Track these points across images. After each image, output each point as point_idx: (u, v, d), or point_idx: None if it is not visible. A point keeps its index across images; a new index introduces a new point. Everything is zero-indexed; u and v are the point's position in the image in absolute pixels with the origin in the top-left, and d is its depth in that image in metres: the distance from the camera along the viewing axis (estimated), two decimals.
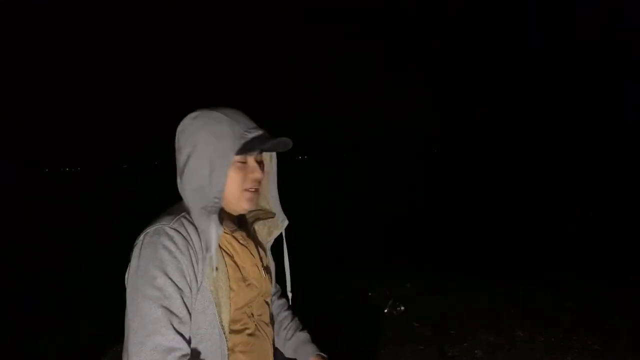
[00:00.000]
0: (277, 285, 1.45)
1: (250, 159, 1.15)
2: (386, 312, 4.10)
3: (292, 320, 1.41)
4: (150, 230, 1.05)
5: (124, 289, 1.06)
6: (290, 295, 1.41)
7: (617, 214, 11.01)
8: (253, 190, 1.16)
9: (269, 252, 1.34)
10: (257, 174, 1.15)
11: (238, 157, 1.11)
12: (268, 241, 1.33)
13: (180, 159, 1.12)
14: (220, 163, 1.09)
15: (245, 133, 1.11)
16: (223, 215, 1.14)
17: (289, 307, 1.44)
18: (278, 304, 1.43)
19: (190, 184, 1.11)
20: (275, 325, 1.38)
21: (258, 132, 1.13)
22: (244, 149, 1.10)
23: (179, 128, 1.14)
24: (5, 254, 8.86)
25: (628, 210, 10.99)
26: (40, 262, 8.15)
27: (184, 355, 0.98)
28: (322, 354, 1.33)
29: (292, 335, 1.37)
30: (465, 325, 3.87)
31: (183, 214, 1.09)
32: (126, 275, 1.05)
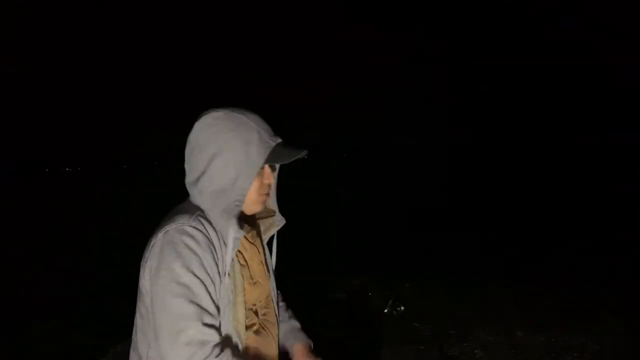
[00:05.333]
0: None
1: (266, 166, 1.16)
2: (386, 312, 4.09)
3: (285, 310, 1.41)
4: (170, 229, 1.03)
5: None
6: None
7: (618, 213, 11.01)
8: (266, 194, 1.19)
9: (267, 250, 1.34)
10: (271, 180, 1.18)
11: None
12: (264, 239, 1.33)
13: (199, 157, 1.10)
14: (247, 170, 1.09)
15: (269, 141, 1.12)
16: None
17: (283, 299, 1.44)
18: None
19: (212, 184, 1.09)
20: None
21: (278, 139, 1.14)
22: (270, 159, 1.11)
23: (198, 126, 1.11)
24: (6, 254, 8.86)
25: (629, 210, 11.00)
26: (41, 262, 8.15)
27: (215, 346, 0.98)
28: (308, 340, 1.33)
29: (282, 321, 1.36)
30: (465, 325, 3.87)
31: (198, 212, 1.08)
32: (145, 275, 1.04)
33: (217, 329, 1.02)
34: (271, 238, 1.32)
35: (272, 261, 1.33)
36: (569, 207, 12.81)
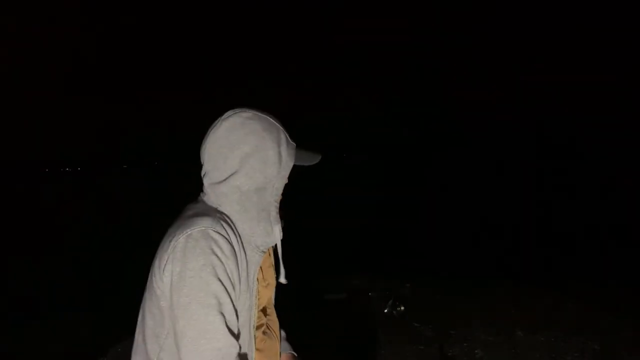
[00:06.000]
0: None
1: None
2: (386, 312, 4.10)
3: None
4: (193, 232, 1.00)
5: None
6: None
7: (619, 214, 11.01)
8: (282, 193, 1.20)
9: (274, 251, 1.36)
10: (286, 180, 1.18)
11: None
12: None
13: (231, 156, 1.08)
14: (282, 170, 1.12)
15: (293, 142, 1.16)
16: None
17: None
18: None
19: (249, 183, 1.09)
20: None
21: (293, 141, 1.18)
22: (296, 160, 1.15)
23: (226, 125, 1.09)
24: (6, 254, 8.86)
25: (629, 210, 11.00)
26: (41, 262, 8.16)
27: (238, 355, 1.00)
28: (293, 353, 1.33)
29: None
30: (465, 325, 3.87)
31: (219, 215, 1.06)
32: (164, 278, 1.00)
33: (238, 338, 1.02)
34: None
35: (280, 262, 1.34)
36: (570, 208, 12.82)
